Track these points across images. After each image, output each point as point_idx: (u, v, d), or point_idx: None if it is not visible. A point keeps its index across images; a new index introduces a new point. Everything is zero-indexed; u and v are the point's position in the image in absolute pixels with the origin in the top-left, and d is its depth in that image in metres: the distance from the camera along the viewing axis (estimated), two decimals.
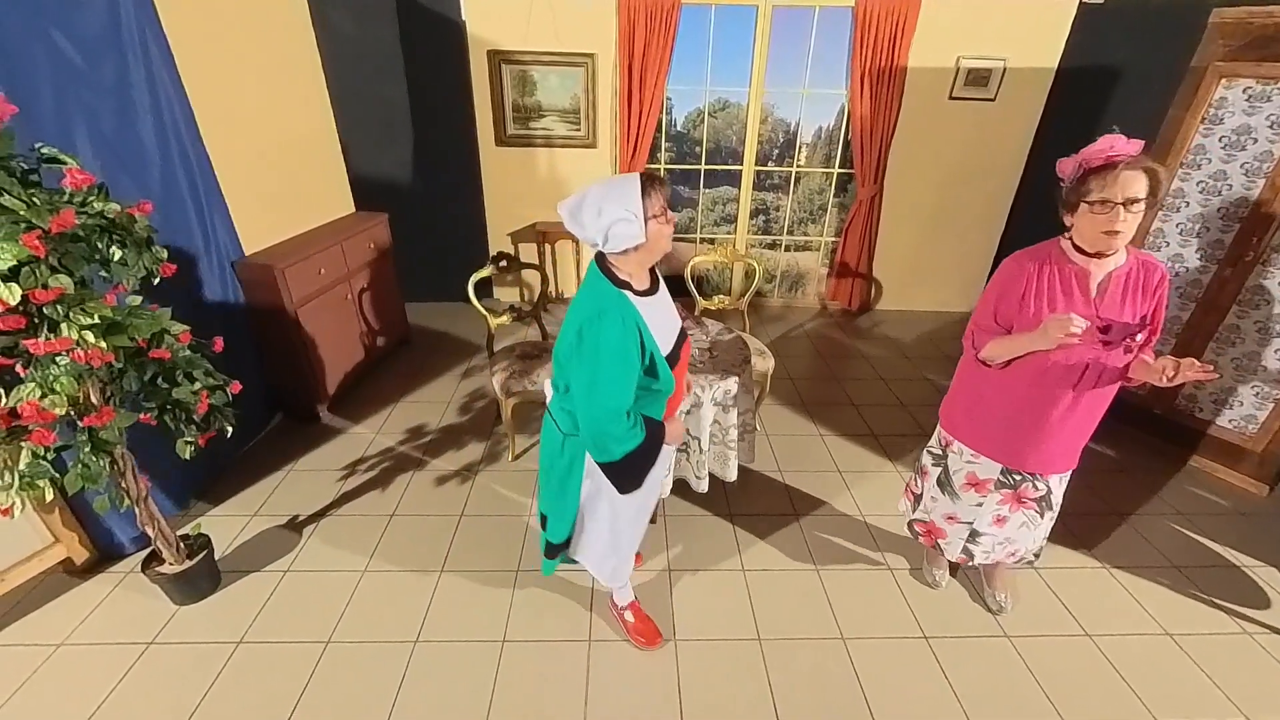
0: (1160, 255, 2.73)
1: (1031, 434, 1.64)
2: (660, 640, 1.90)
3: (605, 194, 1.27)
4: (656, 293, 1.44)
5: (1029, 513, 1.79)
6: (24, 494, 1.48)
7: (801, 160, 4.39)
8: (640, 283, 1.40)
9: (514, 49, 3.86)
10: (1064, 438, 1.65)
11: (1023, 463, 1.71)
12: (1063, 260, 1.51)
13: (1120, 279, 1.48)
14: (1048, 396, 1.58)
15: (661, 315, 1.44)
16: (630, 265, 1.37)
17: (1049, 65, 3.90)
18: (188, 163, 2.33)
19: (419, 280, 4.20)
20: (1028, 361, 1.56)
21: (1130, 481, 2.72)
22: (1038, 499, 1.76)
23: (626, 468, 1.47)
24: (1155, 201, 1.38)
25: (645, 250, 1.34)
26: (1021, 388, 1.61)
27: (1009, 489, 1.77)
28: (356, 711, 1.68)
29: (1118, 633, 1.97)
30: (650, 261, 1.40)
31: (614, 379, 1.32)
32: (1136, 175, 1.34)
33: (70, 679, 1.76)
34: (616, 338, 1.30)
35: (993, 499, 1.80)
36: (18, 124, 1.39)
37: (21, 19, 1.74)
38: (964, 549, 1.92)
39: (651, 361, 1.39)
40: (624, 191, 1.26)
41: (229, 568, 2.13)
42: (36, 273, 1.33)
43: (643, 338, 1.35)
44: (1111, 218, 1.36)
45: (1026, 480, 1.74)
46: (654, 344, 1.39)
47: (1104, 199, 1.36)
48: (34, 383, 1.40)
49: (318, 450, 2.82)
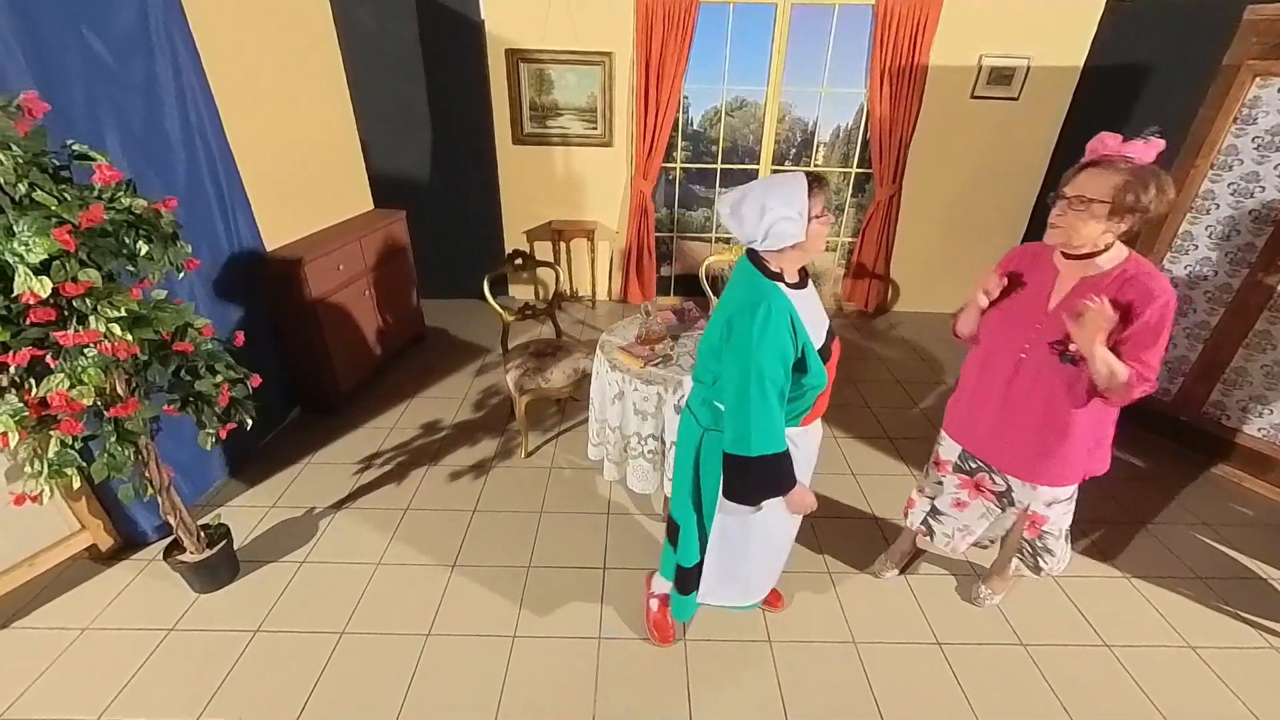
0: (1188, 259, 2.66)
1: (979, 416, 1.68)
2: (671, 640, 1.90)
3: (769, 193, 1.26)
4: (806, 287, 1.42)
5: (988, 504, 1.78)
6: (52, 481, 1.53)
7: (819, 160, 4.36)
8: (791, 276, 1.39)
9: (532, 48, 3.88)
10: (1012, 433, 1.61)
11: (969, 440, 1.74)
12: (1048, 255, 1.51)
13: (1091, 288, 1.40)
14: (990, 379, 1.62)
15: (812, 309, 1.41)
16: (784, 261, 1.36)
17: (1074, 64, 3.82)
18: (212, 159, 2.38)
19: (435, 277, 4.25)
20: (985, 342, 1.63)
21: (1153, 489, 2.66)
22: (997, 493, 1.75)
23: (753, 470, 1.38)
24: (1124, 209, 1.28)
25: (801, 249, 1.33)
26: (976, 368, 1.68)
27: (966, 474, 1.79)
28: (369, 702, 1.71)
29: (1138, 644, 1.93)
30: (805, 260, 1.38)
31: (765, 368, 1.30)
32: (1100, 175, 1.29)
33: (95, 662, 1.80)
34: (772, 327, 1.29)
35: (951, 481, 1.83)
36: (50, 121, 1.43)
37: (56, 18, 1.79)
38: (925, 521, 1.96)
39: (803, 354, 1.36)
40: (790, 191, 1.26)
41: (247, 557, 2.17)
42: (66, 266, 1.37)
43: (795, 329, 1.33)
44: (1055, 210, 1.37)
45: (983, 470, 1.74)
46: (806, 336, 1.36)
47: (1059, 192, 1.36)
48: (63, 373, 1.44)
49: (335, 443, 2.86)
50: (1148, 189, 1.26)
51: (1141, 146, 1.28)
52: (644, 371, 1.99)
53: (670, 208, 4.55)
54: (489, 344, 3.92)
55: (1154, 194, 1.26)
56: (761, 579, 1.76)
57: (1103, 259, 1.40)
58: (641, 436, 2.05)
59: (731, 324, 1.32)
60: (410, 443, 2.89)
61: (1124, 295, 1.35)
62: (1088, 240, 1.36)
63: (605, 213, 4.46)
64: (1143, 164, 1.28)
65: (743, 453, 1.36)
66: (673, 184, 4.46)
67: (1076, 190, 1.32)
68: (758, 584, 1.77)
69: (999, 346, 1.58)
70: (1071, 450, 1.56)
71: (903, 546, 2.15)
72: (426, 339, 3.99)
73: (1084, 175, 1.33)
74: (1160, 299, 1.33)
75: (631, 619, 1.98)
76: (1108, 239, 1.36)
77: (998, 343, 1.59)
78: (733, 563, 1.67)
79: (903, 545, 2.15)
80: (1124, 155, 1.29)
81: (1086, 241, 1.36)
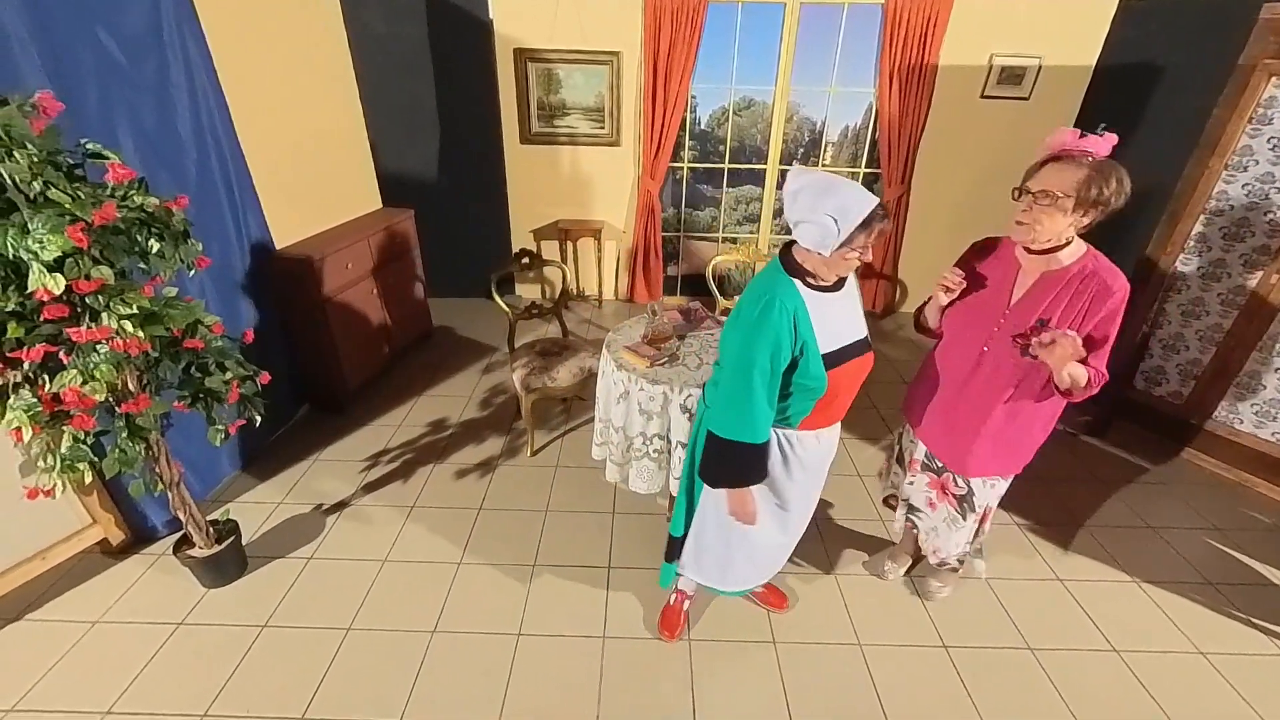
0: (1201, 260, 2.63)
1: (939, 413, 1.68)
2: (675, 638, 1.90)
3: (835, 194, 1.23)
4: (839, 290, 1.40)
5: (950, 510, 1.79)
6: (65, 476, 1.55)
7: (827, 159, 4.34)
8: (820, 278, 1.37)
9: (540, 47, 3.89)
10: (964, 429, 1.62)
11: (932, 441, 1.74)
12: (1009, 250, 1.52)
13: (1052, 283, 1.42)
14: (951, 373, 1.63)
15: (836, 312, 1.39)
16: (810, 262, 1.35)
17: (1086, 63, 3.79)
18: (223, 158, 2.40)
19: (442, 275, 4.26)
20: (946, 336, 1.64)
21: (1162, 493, 2.63)
22: (959, 497, 1.75)
23: (723, 453, 1.42)
24: (1084, 205, 1.30)
25: (821, 262, 1.32)
26: (936, 362, 1.68)
27: (933, 474, 1.79)
28: (375, 698, 1.72)
29: (1147, 649, 1.91)
30: (828, 272, 1.35)
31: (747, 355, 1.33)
32: (1063, 170, 1.31)
33: (105, 655, 1.83)
34: (770, 318, 1.31)
35: (921, 479, 1.83)
36: (64, 120, 1.44)
37: (70, 19, 1.81)
38: (909, 517, 1.95)
39: (804, 353, 1.35)
40: (850, 208, 1.22)
41: (255, 553, 2.19)
42: (80, 264, 1.38)
43: (798, 326, 1.33)
44: (1021, 206, 1.38)
45: (947, 471, 1.74)
46: (810, 333, 1.34)
47: (1024, 188, 1.37)
48: (76, 369, 1.45)
49: (342, 441, 2.88)
50: (1109, 182, 1.28)
51: (1098, 141, 1.30)
52: (650, 371, 1.99)
53: (677, 207, 4.55)
54: (495, 343, 3.93)
55: (1115, 187, 1.29)
56: (740, 569, 1.76)
57: (1064, 254, 1.42)
58: (647, 436, 2.05)
59: (738, 309, 1.37)
60: (417, 440, 2.90)
61: (1084, 289, 1.39)
62: (1052, 235, 1.38)
63: (612, 212, 4.46)
64: (1101, 158, 1.30)
65: (718, 433, 1.41)
66: (680, 183, 4.46)
67: (1041, 185, 1.34)
68: (735, 573, 1.77)
69: (961, 340, 1.60)
70: (1028, 441, 1.61)
71: (906, 548, 2.14)
72: (433, 337, 4.00)
73: (1047, 170, 1.34)
74: (1118, 294, 1.37)
75: (636, 618, 1.98)
76: (1070, 233, 1.39)
77: (959, 337, 1.61)
78: (707, 542, 1.72)
79: (906, 546, 2.14)
80: (1083, 150, 1.31)
81: (1051, 236, 1.38)
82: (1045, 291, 1.43)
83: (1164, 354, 2.86)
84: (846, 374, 1.43)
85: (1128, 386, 2.96)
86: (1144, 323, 2.82)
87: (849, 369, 1.43)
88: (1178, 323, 2.78)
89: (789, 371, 1.38)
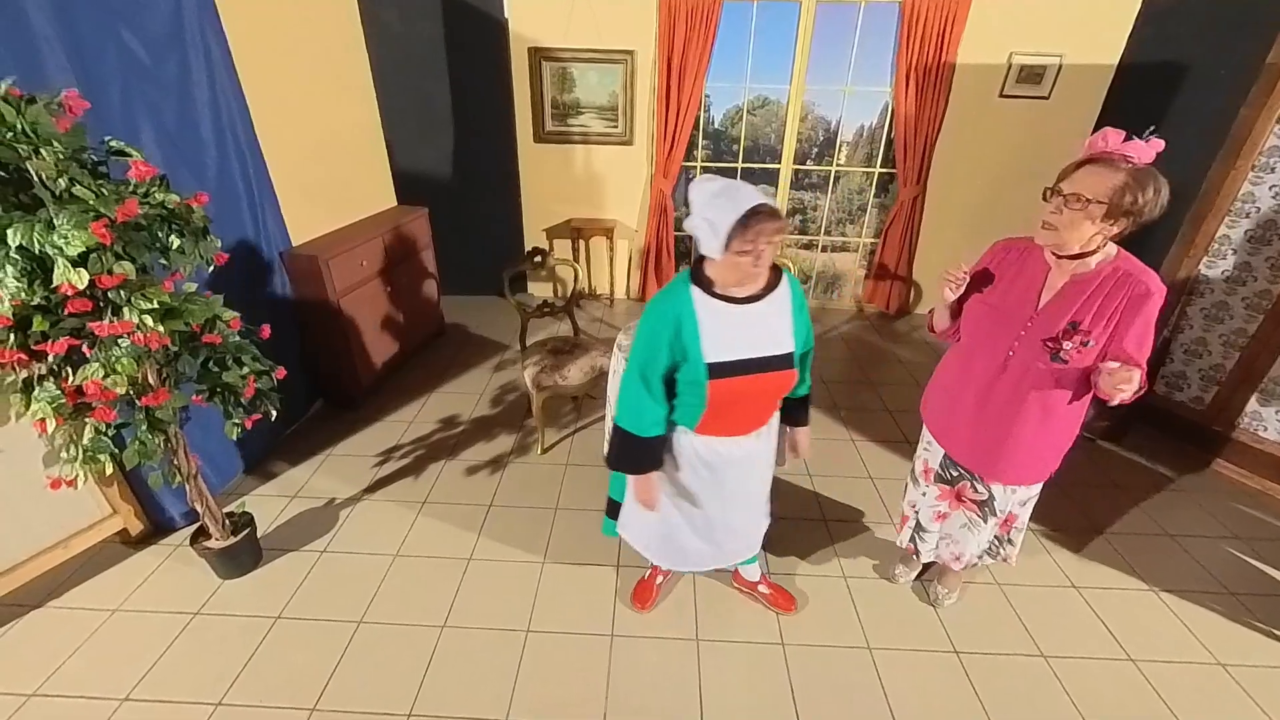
0: (1225, 263, 2.58)
1: (959, 418, 1.63)
2: (641, 609, 1.97)
3: (720, 195, 1.26)
4: (754, 304, 1.38)
5: (970, 514, 1.75)
6: (86, 467, 1.58)
7: (841, 159, 4.30)
8: (727, 287, 1.37)
9: (555, 46, 3.90)
10: (993, 436, 1.57)
11: (951, 446, 1.69)
12: (1037, 251, 1.46)
13: (1082, 286, 1.37)
14: (973, 377, 1.57)
15: (739, 324, 1.38)
16: (713, 270, 1.38)
17: (1109, 61, 3.72)
18: (242, 156, 2.43)
19: (455, 273, 4.29)
20: (968, 339, 1.58)
21: (1183, 500, 2.58)
22: (979, 502, 1.71)
23: (618, 440, 1.52)
24: (1120, 211, 1.24)
25: (721, 268, 1.34)
26: (957, 365, 1.63)
27: (947, 484, 1.75)
28: (385, 691, 1.74)
29: (1164, 659, 1.87)
30: (726, 281, 1.36)
31: (636, 354, 1.43)
32: (1099, 174, 1.25)
33: (123, 643, 1.86)
34: (652, 320, 1.40)
35: (932, 492, 1.79)
36: (89, 118, 1.47)
37: (95, 19, 1.84)
38: (911, 538, 1.93)
39: (686, 358, 1.38)
40: (725, 208, 1.24)
41: (270, 546, 2.22)
42: (103, 259, 1.41)
43: (682, 329, 1.36)
44: (1050, 207, 1.32)
45: (965, 478, 1.70)
46: (697, 343, 1.36)
47: (1056, 188, 1.31)
48: (98, 363, 1.48)
49: (355, 436, 2.91)
50: (1145, 191, 1.22)
51: (1142, 146, 1.23)
52: None
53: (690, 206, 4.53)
54: (507, 341, 3.95)
55: (1151, 196, 1.22)
56: (661, 547, 1.79)
57: (1093, 258, 1.37)
58: None
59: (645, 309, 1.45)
60: (429, 437, 2.93)
61: (1118, 291, 1.33)
62: (1079, 241, 1.32)
63: (625, 211, 4.46)
64: (1141, 164, 1.24)
65: (615, 419, 1.51)
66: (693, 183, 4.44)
67: (1075, 188, 1.28)
68: (659, 549, 1.80)
69: (985, 344, 1.54)
70: (1055, 446, 1.56)
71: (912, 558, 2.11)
72: (446, 335, 4.03)
73: (1083, 173, 1.28)
74: (1156, 295, 1.31)
75: (644, 617, 1.98)
76: (1099, 240, 1.32)
77: (983, 340, 1.54)
78: (635, 511, 1.74)
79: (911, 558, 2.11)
80: (1124, 155, 1.24)
81: (1078, 243, 1.33)
82: (1076, 294, 1.37)
83: (1185, 359, 2.81)
84: (738, 387, 1.41)
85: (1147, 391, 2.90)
86: (1165, 326, 2.77)
87: (743, 383, 1.41)
88: (1200, 327, 2.72)
89: (679, 373, 1.42)
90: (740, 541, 1.80)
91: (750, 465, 1.62)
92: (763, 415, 1.55)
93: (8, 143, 1.30)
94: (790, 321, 1.44)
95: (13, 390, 1.50)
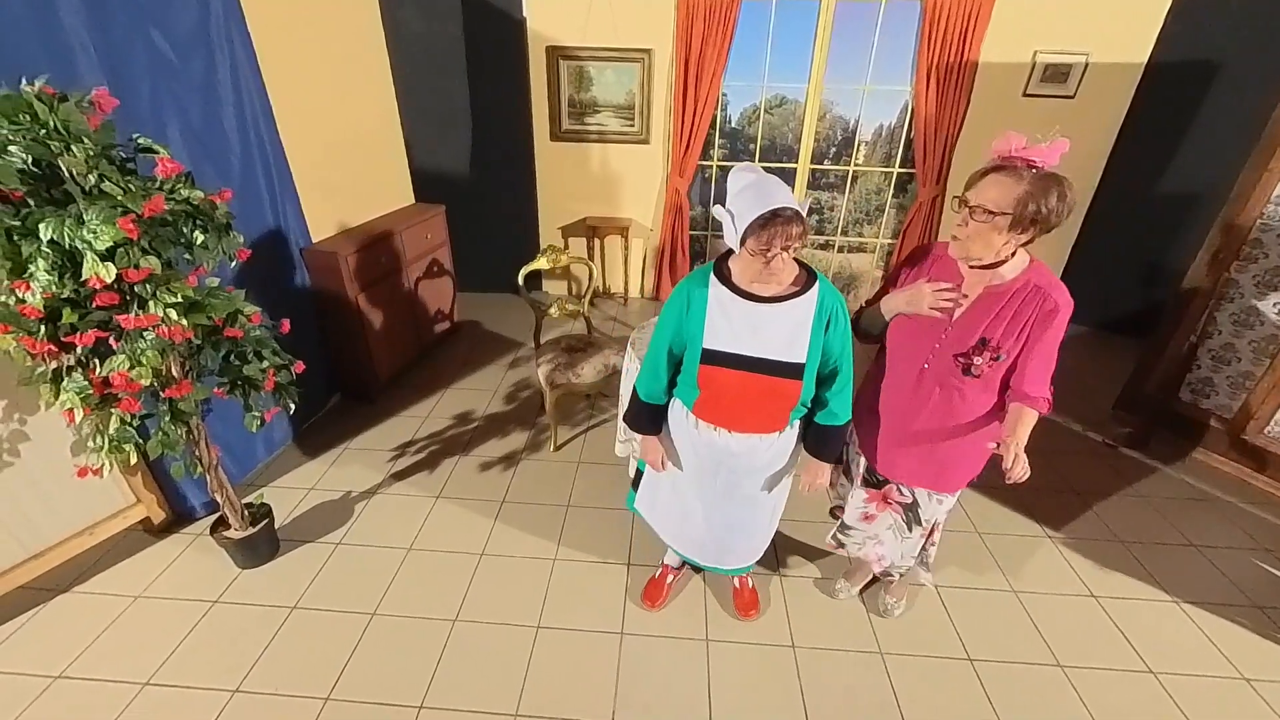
0: (1257, 267, 2.50)
1: (877, 424, 1.62)
2: (651, 608, 1.99)
3: (749, 188, 1.26)
4: (768, 304, 1.37)
5: (896, 517, 1.74)
6: (112, 456, 1.62)
7: (860, 159, 4.26)
8: (747, 283, 1.38)
9: (572, 45, 3.91)
10: (911, 444, 1.57)
11: (872, 456, 1.67)
12: (952, 262, 1.42)
13: (994, 300, 1.34)
14: (893, 389, 1.56)
15: (747, 320, 1.38)
16: (736, 264, 1.40)
17: (1137, 60, 3.63)
18: (264, 153, 2.48)
19: (471, 271, 4.32)
20: (888, 351, 1.55)
21: (1208, 510, 2.52)
22: (904, 505, 1.70)
23: (631, 397, 1.65)
24: (1022, 224, 1.22)
25: (741, 263, 1.37)
26: (881, 374, 1.60)
27: (874, 488, 1.74)
28: (397, 682, 1.76)
29: (1186, 672, 1.83)
30: (743, 277, 1.38)
31: (657, 329, 1.52)
32: (1003, 184, 1.21)
33: (145, 628, 1.91)
34: (672, 297, 1.47)
35: (859, 494, 1.78)
36: (118, 116, 1.51)
37: (125, 19, 1.88)
38: (834, 536, 1.91)
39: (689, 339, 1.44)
40: (754, 202, 1.24)
41: (287, 537, 2.26)
42: (129, 253, 1.44)
43: (691, 310, 1.42)
44: (959, 219, 1.30)
45: (890, 483, 1.69)
46: (699, 329, 1.41)
47: (963, 198, 1.29)
48: (124, 355, 1.52)
49: (371, 430, 2.95)
50: (1049, 198, 1.18)
51: (1045, 150, 1.19)
52: None
53: (705, 206, 4.52)
54: (522, 338, 3.97)
55: (1055, 203, 1.19)
56: (667, 524, 1.87)
57: (1005, 268, 1.35)
58: None
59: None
60: (443, 432, 2.96)
61: (1027, 307, 1.32)
62: (989, 252, 1.30)
63: (640, 210, 4.46)
64: (1045, 169, 1.21)
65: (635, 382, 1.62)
66: (709, 182, 4.43)
67: (979, 199, 1.25)
68: (671, 527, 1.87)
69: (902, 356, 1.52)
70: (973, 456, 1.54)
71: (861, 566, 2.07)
72: (461, 331, 4.07)
73: (987, 182, 1.25)
74: (1064, 311, 1.31)
75: (655, 616, 1.98)
76: (1009, 249, 1.30)
77: (901, 352, 1.52)
78: (650, 477, 1.82)
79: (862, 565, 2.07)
80: (1028, 160, 1.21)
81: (988, 253, 1.30)
82: (987, 309, 1.35)
83: (1213, 365, 2.73)
84: (730, 380, 1.43)
85: (1173, 398, 2.83)
86: (1192, 332, 2.70)
87: (736, 377, 1.42)
88: (1229, 332, 2.65)
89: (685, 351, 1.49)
90: (737, 543, 1.81)
91: (749, 466, 1.60)
92: (764, 419, 1.52)
93: (40, 139, 1.34)
94: (809, 332, 1.40)
95: (43, 381, 1.54)
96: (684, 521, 1.81)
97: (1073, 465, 2.80)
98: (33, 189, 1.38)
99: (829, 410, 1.52)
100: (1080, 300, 1.45)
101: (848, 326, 1.45)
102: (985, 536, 2.35)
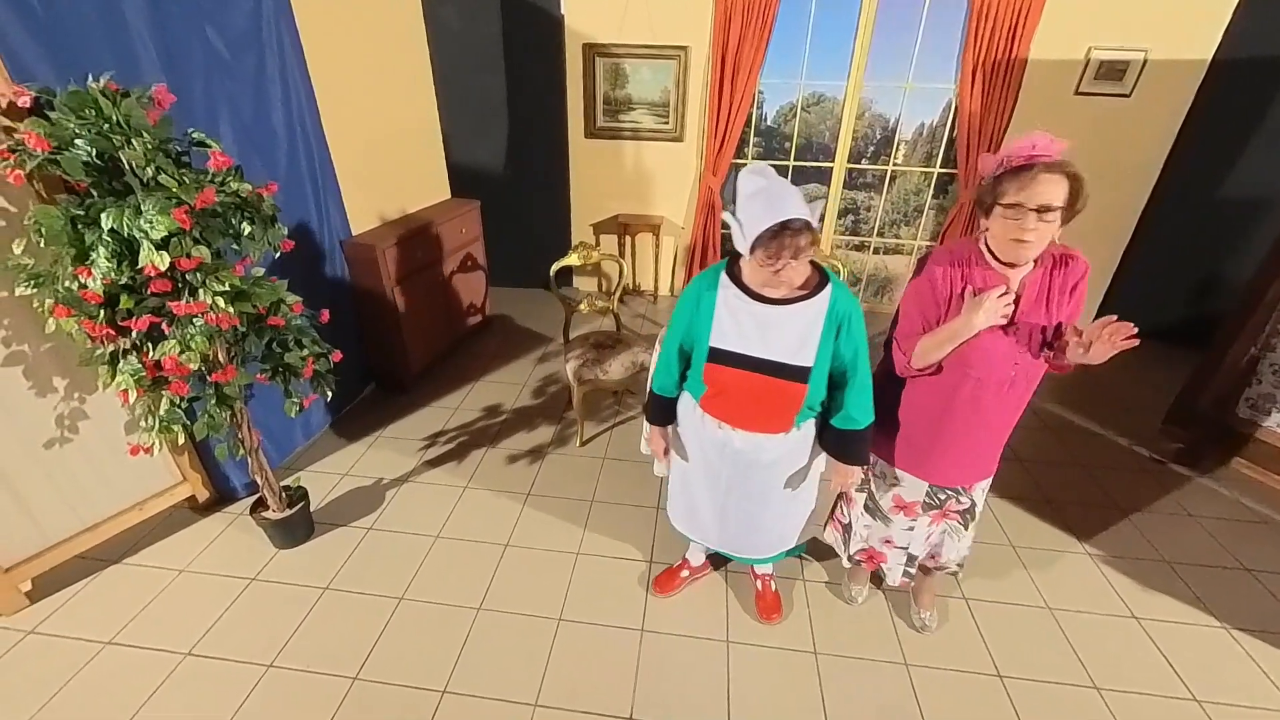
0: None
1: (956, 444, 1.54)
2: (660, 594, 2.03)
3: (757, 196, 1.26)
4: (777, 306, 1.37)
5: (952, 524, 1.72)
6: (161, 436, 1.70)
7: (899, 158, 4.16)
8: (758, 285, 1.38)
9: (609, 42, 3.91)
10: (984, 445, 1.55)
11: (946, 476, 1.61)
12: (984, 264, 1.39)
13: (1035, 283, 1.37)
14: (966, 405, 1.48)
15: (755, 320, 1.39)
16: (746, 266, 1.40)
17: (1201, 57, 3.44)
18: (309, 148, 2.55)
19: (503, 265, 4.37)
20: (953, 367, 1.46)
21: (1263, 533, 2.38)
22: (962, 511, 1.68)
23: (649, 396, 1.73)
24: (1073, 212, 1.26)
25: (750, 267, 1.37)
26: (946, 394, 1.50)
27: (935, 509, 1.69)
28: (422, 665, 1.80)
29: (1234, 702, 1.74)
30: (752, 280, 1.39)
31: (670, 325, 1.57)
32: (1055, 180, 1.22)
33: (188, 601, 2.00)
34: (685, 294, 1.50)
35: (923, 521, 1.72)
36: (174, 111, 1.58)
37: (183, 17, 1.97)
38: (904, 573, 1.85)
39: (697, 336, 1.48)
40: (762, 213, 1.24)
41: (322, 519, 2.34)
42: (182, 243, 1.51)
43: (700, 307, 1.45)
44: (1023, 224, 1.25)
45: (952, 496, 1.65)
46: (707, 327, 1.44)
47: (1017, 203, 1.25)
48: (175, 340, 1.59)
49: (404, 420, 3.02)
50: (1081, 184, 1.24)
51: (1062, 144, 1.25)
52: None
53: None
54: (551, 333, 4.01)
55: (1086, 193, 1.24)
56: (684, 513, 1.88)
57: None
58: None
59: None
60: (472, 424, 3.01)
61: (1058, 273, 1.36)
62: (1043, 249, 1.32)
63: (672, 208, 4.45)
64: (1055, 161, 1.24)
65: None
66: None
67: (1042, 200, 1.23)
68: (685, 516, 1.89)
69: (986, 369, 1.42)
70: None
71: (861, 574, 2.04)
72: (493, 325, 4.13)
73: (1042, 183, 1.23)
74: (1085, 265, 1.37)
75: (675, 613, 1.98)
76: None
77: (985, 365, 1.42)
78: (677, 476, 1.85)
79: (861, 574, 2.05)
80: (1046, 156, 1.24)
81: (1042, 250, 1.32)
82: (1032, 293, 1.37)
83: (1276, 380, 2.58)
84: (735, 379, 1.45)
85: (1230, 413, 2.69)
86: (1253, 344, 2.55)
87: (741, 377, 1.44)
88: None
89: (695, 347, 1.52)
90: (747, 539, 1.81)
91: (754, 462, 1.59)
92: (768, 419, 1.51)
93: (104, 134, 1.41)
94: (819, 336, 1.38)
95: (101, 362, 1.63)
96: (695, 505, 1.83)
97: (1117, 480, 2.68)
98: (96, 181, 1.46)
99: (845, 414, 1.49)
100: (1129, 307, 1.40)
101: (862, 330, 1.43)
102: (1020, 550, 2.27)
